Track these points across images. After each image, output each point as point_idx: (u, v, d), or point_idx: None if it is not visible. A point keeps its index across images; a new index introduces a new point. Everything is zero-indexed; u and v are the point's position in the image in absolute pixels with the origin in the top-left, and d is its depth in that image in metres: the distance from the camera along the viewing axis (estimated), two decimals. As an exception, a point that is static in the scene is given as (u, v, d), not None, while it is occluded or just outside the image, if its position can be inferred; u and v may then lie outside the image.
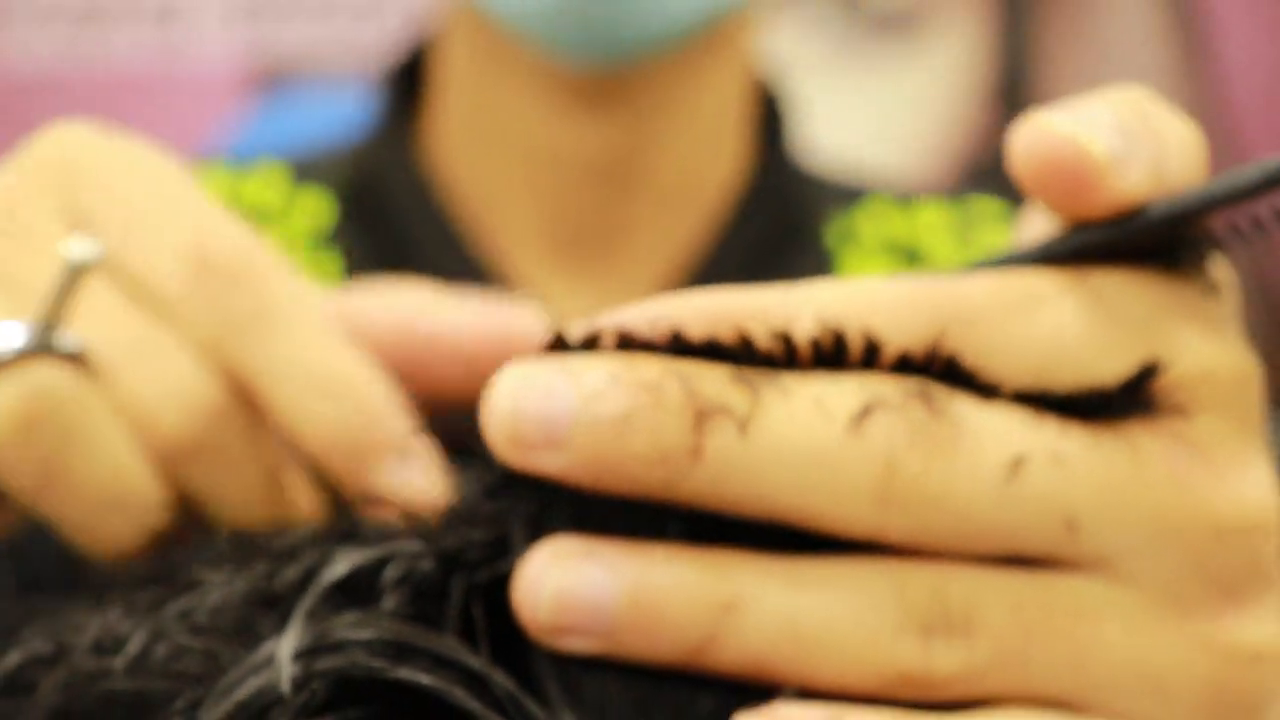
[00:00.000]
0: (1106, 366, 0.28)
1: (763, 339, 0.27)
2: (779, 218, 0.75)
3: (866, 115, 2.06)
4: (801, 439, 0.26)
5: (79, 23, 2.09)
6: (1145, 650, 0.27)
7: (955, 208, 0.79)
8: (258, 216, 0.75)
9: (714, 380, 0.26)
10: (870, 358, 0.27)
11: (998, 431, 0.27)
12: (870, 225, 0.78)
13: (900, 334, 0.27)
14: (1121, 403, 0.28)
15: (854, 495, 0.26)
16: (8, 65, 2.07)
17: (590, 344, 0.27)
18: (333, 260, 0.75)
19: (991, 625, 0.26)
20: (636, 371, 0.26)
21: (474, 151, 0.73)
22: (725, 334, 0.27)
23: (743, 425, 0.26)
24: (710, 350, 0.27)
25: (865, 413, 0.26)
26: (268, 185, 0.77)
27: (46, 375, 0.34)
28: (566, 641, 0.26)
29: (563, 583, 0.26)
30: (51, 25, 2.08)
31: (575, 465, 0.26)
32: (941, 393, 0.27)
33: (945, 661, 0.26)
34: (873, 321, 0.27)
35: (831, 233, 0.77)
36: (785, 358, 0.27)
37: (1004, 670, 0.26)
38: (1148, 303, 0.28)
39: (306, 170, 0.77)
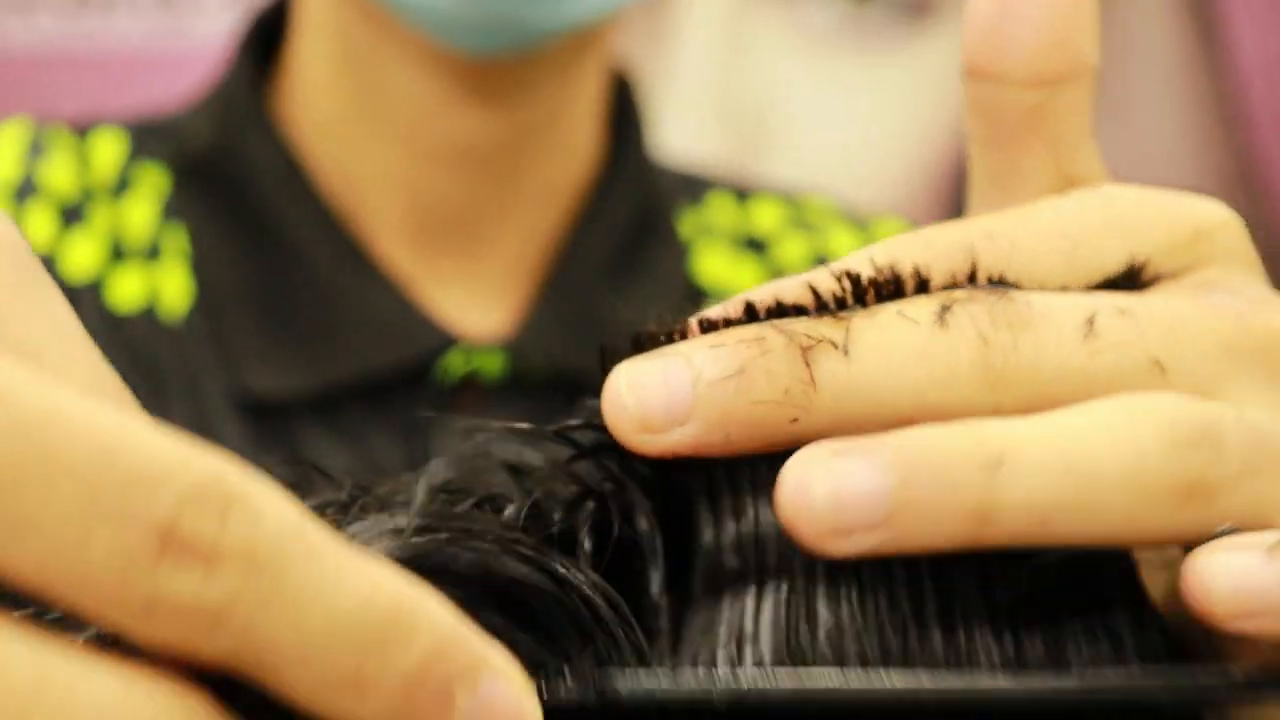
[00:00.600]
0: (1123, 247, 0.30)
1: (828, 287, 0.28)
2: (636, 207, 0.75)
3: (874, 101, 2.05)
4: (898, 344, 0.27)
5: (81, 1, 2.07)
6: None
7: (788, 203, 0.81)
8: (98, 190, 0.72)
9: (805, 321, 0.28)
10: (923, 287, 0.29)
11: (1062, 303, 0.28)
12: (719, 218, 0.79)
13: (942, 262, 0.29)
14: (1145, 275, 0.30)
15: (962, 379, 0.27)
16: (9, 43, 2.05)
17: (674, 337, 0.28)
18: (177, 235, 0.71)
19: (1234, 435, 0.28)
20: (735, 334, 0.28)
21: (342, 126, 0.71)
22: (793, 294, 0.28)
23: (844, 348, 0.27)
24: (783, 309, 0.28)
25: (945, 309, 0.28)
26: (107, 154, 0.73)
27: None
28: (848, 543, 0.26)
29: (831, 482, 0.26)
30: (54, 3, 2.06)
31: (707, 430, 0.27)
32: (1001, 288, 0.29)
33: (1208, 469, 0.27)
34: (917, 257, 0.29)
35: (685, 224, 0.78)
36: (854, 298, 0.28)
37: (1254, 476, 0.27)
38: (1131, 193, 0.31)
39: (143, 141, 0.74)
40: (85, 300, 0.68)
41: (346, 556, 0.21)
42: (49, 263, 0.68)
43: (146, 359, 0.69)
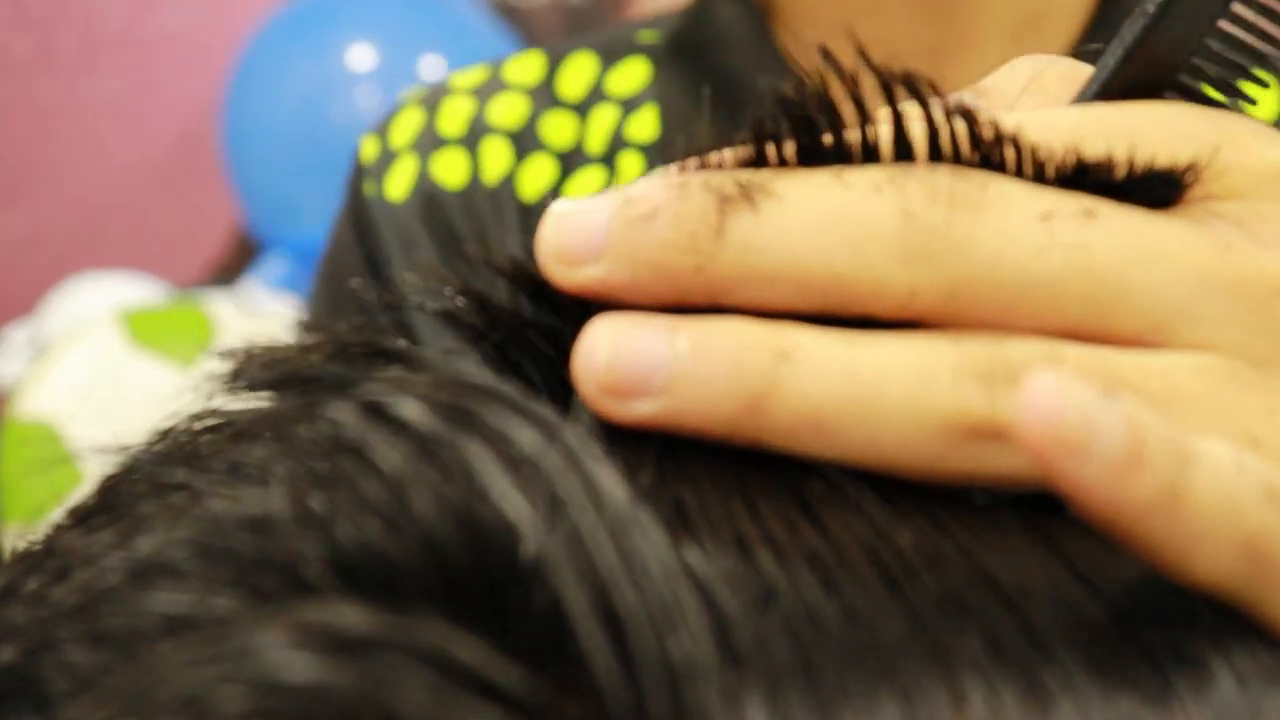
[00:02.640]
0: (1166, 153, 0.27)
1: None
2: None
3: None
4: (818, 205, 0.26)
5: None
6: (1236, 413, 0.26)
7: None
8: (568, 109, 0.74)
9: (745, 172, 0.27)
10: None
11: (1026, 192, 0.26)
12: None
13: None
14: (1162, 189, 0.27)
15: (876, 249, 0.26)
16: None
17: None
18: (650, 113, 0.73)
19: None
20: (665, 179, 0.27)
21: None
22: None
23: (762, 200, 0.26)
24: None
25: (888, 180, 0.26)
26: (579, 74, 0.75)
27: None
28: (625, 407, 0.25)
29: (619, 342, 0.26)
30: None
31: (614, 268, 0.26)
32: (974, 169, 0.26)
33: (1011, 407, 0.24)
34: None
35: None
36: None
37: None
38: (1199, 110, 0.28)
39: (617, 49, 0.75)
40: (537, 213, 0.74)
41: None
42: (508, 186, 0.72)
43: None
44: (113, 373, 1.67)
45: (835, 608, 0.21)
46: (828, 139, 0.26)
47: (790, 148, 0.26)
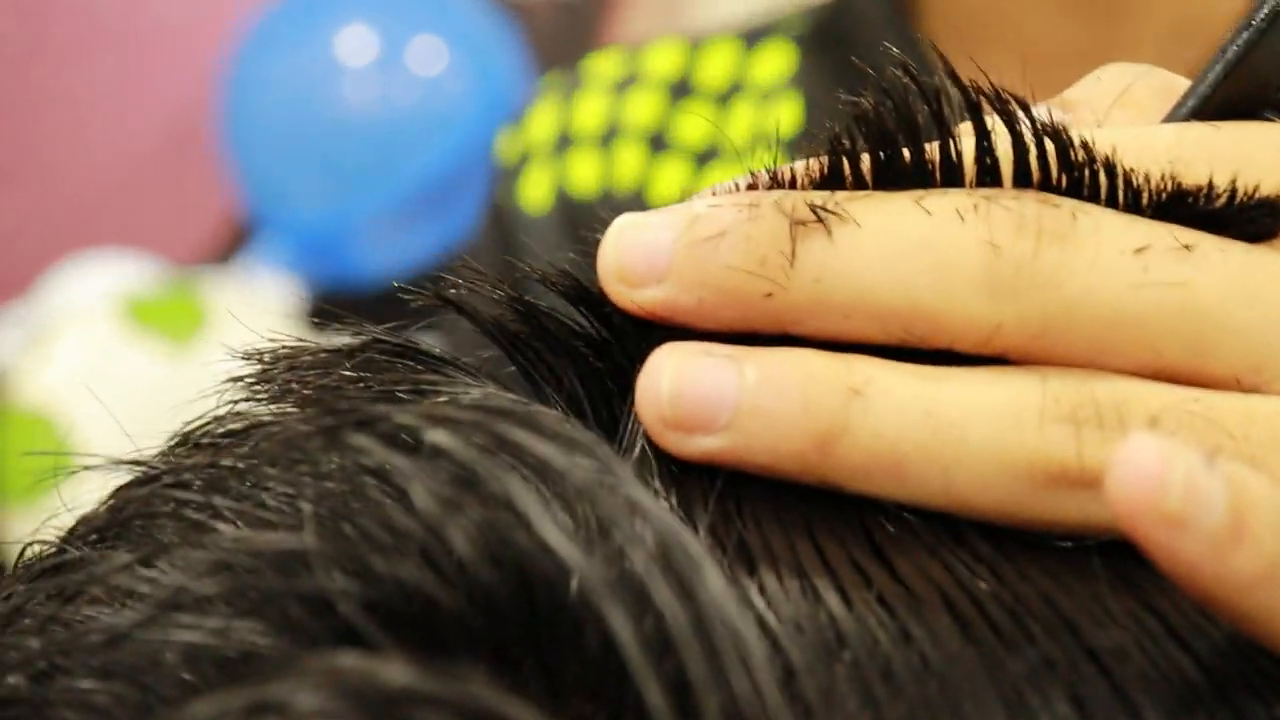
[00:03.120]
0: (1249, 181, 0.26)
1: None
2: None
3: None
4: (897, 232, 0.25)
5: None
6: None
7: None
8: (708, 98, 0.72)
9: (818, 194, 0.25)
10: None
11: (1119, 223, 0.25)
12: None
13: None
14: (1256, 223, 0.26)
15: (959, 282, 0.24)
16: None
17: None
18: (792, 104, 0.70)
19: (1148, 427, 0.24)
20: (734, 197, 0.26)
21: None
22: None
23: (836, 226, 0.25)
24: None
25: (971, 207, 0.24)
26: (720, 61, 0.73)
27: None
28: (689, 442, 0.24)
29: (683, 373, 0.24)
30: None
31: (680, 291, 0.25)
32: (1062, 197, 0.25)
33: (1099, 454, 0.23)
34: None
35: None
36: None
37: None
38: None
39: (758, 31, 0.73)
40: None
41: None
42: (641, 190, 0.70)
43: None
44: (108, 357, 1.65)
45: (908, 658, 0.20)
46: (907, 155, 0.25)
47: (867, 164, 0.25)
